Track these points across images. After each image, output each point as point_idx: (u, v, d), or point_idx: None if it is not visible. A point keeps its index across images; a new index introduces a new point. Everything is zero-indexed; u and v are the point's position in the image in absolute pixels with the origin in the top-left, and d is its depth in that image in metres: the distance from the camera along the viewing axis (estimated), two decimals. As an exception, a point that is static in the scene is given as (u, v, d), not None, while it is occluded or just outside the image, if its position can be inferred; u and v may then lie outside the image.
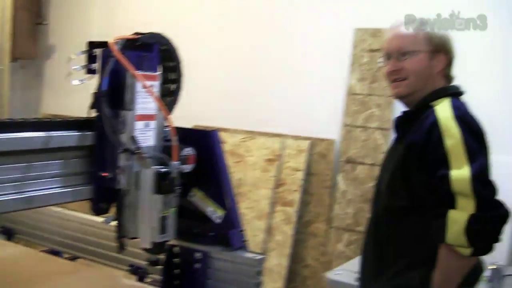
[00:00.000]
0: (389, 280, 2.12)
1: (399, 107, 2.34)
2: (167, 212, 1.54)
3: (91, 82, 1.57)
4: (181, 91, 1.74)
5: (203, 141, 1.73)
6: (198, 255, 1.77)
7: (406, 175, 2.05)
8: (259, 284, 1.73)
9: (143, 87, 1.53)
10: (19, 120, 1.50)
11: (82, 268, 2.10)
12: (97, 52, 1.57)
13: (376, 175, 3.34)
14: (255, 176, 4.49)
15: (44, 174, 1.51)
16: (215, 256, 1.77)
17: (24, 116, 1.69)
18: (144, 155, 1.52)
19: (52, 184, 1.53)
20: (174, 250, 1.79)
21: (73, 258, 2.18)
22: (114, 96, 1.53)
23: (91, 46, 1.58)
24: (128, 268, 1.98)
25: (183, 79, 1.74)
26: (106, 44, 1.53)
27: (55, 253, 2.21)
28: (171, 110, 1.71)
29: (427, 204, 2.00)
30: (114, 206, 1.60)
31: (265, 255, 1.82)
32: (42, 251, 2.25)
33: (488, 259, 2.15)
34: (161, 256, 1.71)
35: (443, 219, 1.89)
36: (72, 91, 1.94)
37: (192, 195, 1.76)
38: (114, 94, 1.53)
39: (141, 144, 1.53)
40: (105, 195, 1.60)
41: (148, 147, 1.56)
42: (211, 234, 1.80)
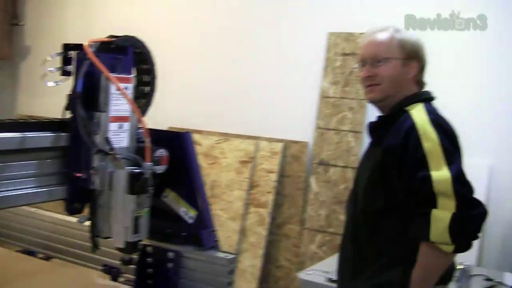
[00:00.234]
0: (368, 279, 2.15)
1: (371, 111, 2.37)
2: (140, 212, 1.55)
3: (66, 84, 1.58)
4: (155, 93, 1.76)
5: (176, 142, 1.75)
6: (171, 255, 1.78)
7: (384, 178, 2.09)
8: (230, 283, 1.75)
9: (117, 89, 1.54)
10: (-6, 121, 1.50)
11: (56, 268, 2.10)
12: (72, 54, 1.58)
13: (348, 177, 3.39)
14: (229, 178, 4.50)
15: (19, 174, 1.51)
16: (187, 255, 1.79)
17: (-1, 117, 1.69)
18: (117, 156, 1.53)
19: (27, 184, 1.53)
20: (147, 250, 1.80)
21: (47, 258, 2.17)
22: (88, 98, 1.54)
23: (66, 48, 1.59)
24: (102, 267, 1.98)
25: (157, 81, 1.76)
26: (81, 47, 1.54)
27: (29, 253, 2.20)
28: (145, 112, 1.73)
29: (404, 205, 2.05)
30: (88, 206, 1.61)
31: (236, 254, 1.84)
32: (16, 251, 2.24)
33: (457, 259, 2.20)
34: (134, 255, 1.72)
35: (426, 218, 1.94)
36: (47, 92, 1.94)
37: (165, 196, 1.78)
38: (88, 96, 1.54)
39: (114, 145, 1.55)
40: (79, 195, 1.60)
41: (121, 148, 1.58)
42: (184, 234, 1.82)
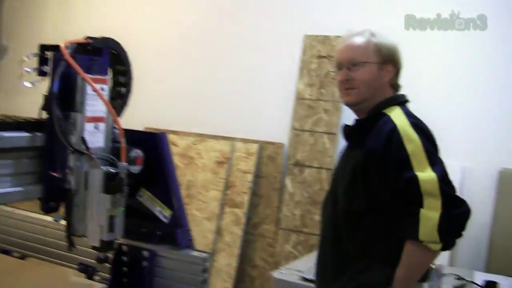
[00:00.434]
0: (351, 279, 2.16)
1: (347, 113, 2.38)
2: (115, 212, 1.57)
3: (43, 84, 1.59)
4: (131, 94, 1.78)
5: (152, 143, 1.77)
6: (146, 254, 1.80)
7: (365, 179, 2.11)
8: (204, 281, 1.77)
9: (93, 90, 1.55)
10: (-30, 120, 1.50)
11: (32, 267, 2.09)
12: (49, 54, 1.59)
13: (323, 178, 3.41)
14: (205, 178, 4.52)
15: (-5, 173, 1.52)
16: (162, 254, 1.80)
17: (-25, 117, 1.68)
18: (93, 156, 1.55)
19: (2, 183, 1.52)
20: (123, 249, 1.82)
21: (23, 257, 2.16)
22: (64, 98, 1.55)
23: (43, 48, 1.60)
24: (77, 266, 1.99)
25: (133, 82, 1.78)
26: (57, 48, 1.55)
27: (5, 252, 2.19)
28: (121, 112, 1.75)
29: (387, 205, 2.08)
30: (63, 205, 1.61)
31: (210, 253, 1.86)
32: (-9, 250, 2.24)
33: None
34: (109, 254, 1.72)
35: (415, 217, 1.98)
36: (23, 92, 1.94)
37: (140, 195, 1.80)
38: (64, 96, 1.55)
39: (90, 145, 1.56)
40: (54, 195, 1.60)
41: (97, 148, 1.59)
42: (159, 233, 1.83)
